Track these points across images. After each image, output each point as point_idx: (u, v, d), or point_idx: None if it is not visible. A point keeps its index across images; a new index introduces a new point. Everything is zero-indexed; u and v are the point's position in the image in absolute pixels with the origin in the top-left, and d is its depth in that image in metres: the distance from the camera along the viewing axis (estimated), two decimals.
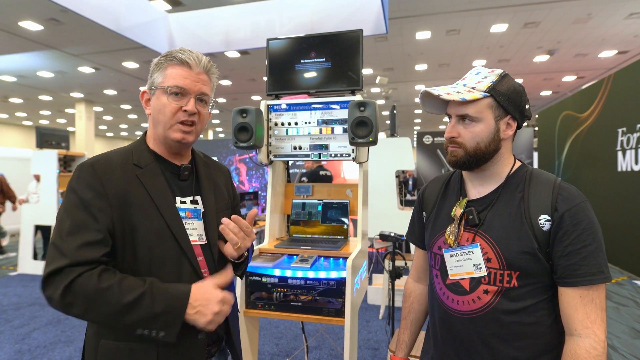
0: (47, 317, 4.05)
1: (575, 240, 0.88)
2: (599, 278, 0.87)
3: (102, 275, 0.90)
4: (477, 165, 1.01)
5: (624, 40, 9.81)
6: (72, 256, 0.89)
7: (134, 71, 12.00)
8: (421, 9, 8.02)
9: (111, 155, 1.04)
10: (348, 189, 2.25)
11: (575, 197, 0.92)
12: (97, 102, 17.01)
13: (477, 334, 0.97)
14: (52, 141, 6.06)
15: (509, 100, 0.97)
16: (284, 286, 1.76)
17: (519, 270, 0.93)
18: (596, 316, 0.87)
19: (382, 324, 3.80)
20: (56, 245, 0.91)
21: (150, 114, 1.10)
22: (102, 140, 28.29)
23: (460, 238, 1.02)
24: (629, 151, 5.47)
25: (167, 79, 1.05)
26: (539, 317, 0.93)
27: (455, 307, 1.01)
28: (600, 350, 0.85)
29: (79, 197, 0.94)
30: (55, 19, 7.88)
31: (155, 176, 1.06)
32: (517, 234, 0.93)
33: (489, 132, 0.98)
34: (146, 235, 0.99)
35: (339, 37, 2.06)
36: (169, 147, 1.11)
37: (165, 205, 1.04)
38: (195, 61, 1.06)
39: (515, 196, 0.97)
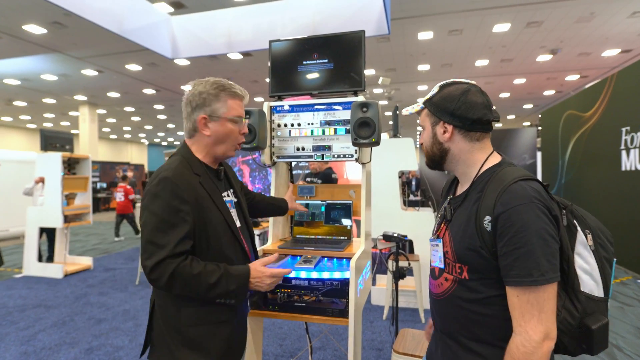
0: (52, 318, 4.07)
1: (508, 242, 0.92)
2: (527, 281, 0.90)
3: (193, 264, 1.21)
4: (437, 165, 1.17)
5: (627, 39, 9.77)
6: (170, 250, 1.18)
7: (137, 74, 12.05)
8: (423, 9, 8.01)
9: (181, 168, 1.31)
10: (351, 189, 2.25)
11: (514, 200, 0.93)
12: (101, 105, 17.09)
13: (444, 314, 1.11)
14: (56, 144, 6.10)
15: (438, 108, 1.11)
16: (288, 287, 1.77)
17: (467, 265, 1.02)
18: (531, 317, 0.90)
19: (386, 324, 3.79)
20: (153, 242, 1.19)
21: (209, 135, 1.38)
22: (106, 142, 28.40)
23: (440, 231, 1.14)
24: (632, 150, 5.45)
25: (230, 109, 1.38)
26: (494, 311, 0.99)
27: (432, 289, 1.18)
28: (529, 349, 0.89)
29: (167, 203, 1.22)
30: (58, 22, 7.93)
31: (210, 181, 1.39)
32: (467, 232, 1.02)
33: (430, 137, 1.15)
34: (215, 227, 1.32)
35: (341, 38, 2.07)
36: (217, 159, 1.45)
37: (220, 202, 1.38)
38: (245, 94, 1.44)
39: (475, 196, 1.05)
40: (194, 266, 1.21)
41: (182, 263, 1.19)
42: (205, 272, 1.22)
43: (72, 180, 6.16)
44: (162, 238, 1.19)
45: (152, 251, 1.19)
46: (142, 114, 19.64)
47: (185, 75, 12.41)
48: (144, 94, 15.03)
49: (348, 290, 1.68)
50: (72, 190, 6.24)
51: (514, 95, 16.15)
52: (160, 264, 1.17)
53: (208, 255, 1.30)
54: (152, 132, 26.70)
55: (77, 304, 4.55)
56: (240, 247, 1.40)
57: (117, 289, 5.20)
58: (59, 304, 4.55)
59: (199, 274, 1.20)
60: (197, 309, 1.28)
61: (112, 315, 4.16)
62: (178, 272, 1.18)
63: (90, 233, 10.79)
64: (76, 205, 6.32)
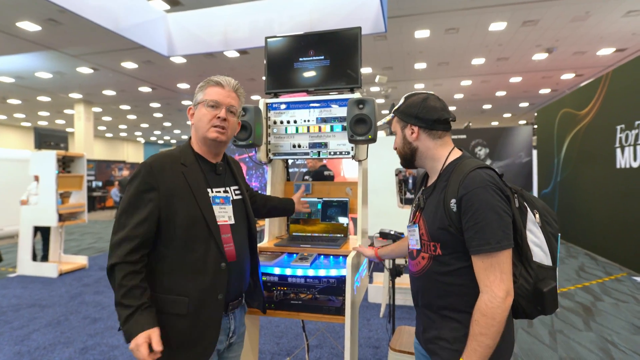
0: (46, 318, 4.05)
1: (470, 218, 1.11)
2: (486, 248, 1.08)
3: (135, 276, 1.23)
4: (410, 163, 1.35)
5: (622, 38, 9.82)
6: (128, 231, 1.26)
7: (133, 71, 11.98)
8: (420, 8, 8.01)
9: (165, 157, 1.36)
10: (348, 187, 2.24)
11: (473, 184, 1.12)
12: (96, 103, 16.98)
13: (422, 290, 1.28)
14: (50, 142, 6.05)
15: (404, 114, 1.32)
16: (284, 284, 1.76)
17: (439, 242, 1.20)
18: (494, 277, 1.08)
19: (382, 322, 3.80)
20: (119, 221, 1.28)
21: (193, 123, 1.43)
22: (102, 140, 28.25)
23: (416, 218, 1.32)
24: (627, 148, 5.48)
25: (206, 95, 1.40)
26: (465, 280, 1.17)
27: (411, 269, 1.35)
28: (495, 304, 1.06)
29: (136, 187, 1.29)
30: (53, 19, 7.86)
31: (196, 172, 1.39)
32: (437, 214, 1.20)
33: (400, 139, 1.35)
34: (184, 219, 1.31)
35: (338, 35, 2.06)
36: (208, 147, 1.44)
37: (201, 195, 1.36)
38: (226, 82, 1.43)
39: (442, 185, 1.24)
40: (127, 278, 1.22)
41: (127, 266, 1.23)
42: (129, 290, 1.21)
43: (66, 179, 6.12)
44: (125, 219, 1.27)
45: (115, 229, 1.29)
46: (138, 112, 19.55)
47: (181, 73, 12.35)
48: (139, 92, 14.96)
49: (344, 287, 1.68)
50: (66, 188, 6.19)
51: (509, 94, 16.21)
52: (115, 248, 1.25)
53: (173, 244, 1.31)
54: (149, 131, 26.59)
55: (72, 303, 4.52)
56: (216, 245, 1.35)
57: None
58: (54, 304, 4.53)
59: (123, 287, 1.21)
60: (158, 295, 1.29)
61: (107, 315, 4.14)
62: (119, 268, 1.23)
63: (86, 232, 10.73)
64: (71, 204, 6.28)
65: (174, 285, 1.31)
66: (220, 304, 1.36)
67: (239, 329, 1.51)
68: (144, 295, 1.23)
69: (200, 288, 1.31)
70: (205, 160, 1.45)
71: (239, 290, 1.48)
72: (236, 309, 1.48)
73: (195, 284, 1.31)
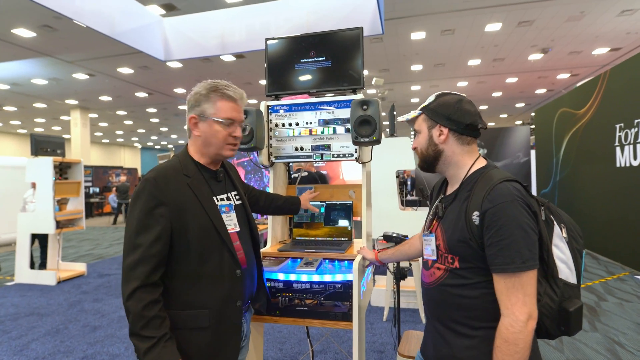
0: (45, 327, 3.98)
1: (494, 234, 1.04)
2: (511, 268, 1.01)
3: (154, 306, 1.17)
4: (430, 166, 1.28)
5: (617, 37, 9.86)
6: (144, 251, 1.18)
7: (129, 77, 11.94)
8: (416, 10, 8.02)
9: (167, 169, 1.31)
10: (351, 189, 2.21)
11: (500, 197, 1.06)
12: (93, 109, 16.92)
13: (435, 302, 1.22)
14: (47, 148, 5.99)
15: (435, 113, 1.23)
16: (289, 290, 1.73)
17: (458, 255, 1.14)
18: (516, 300, 1.02)
19: (386, 326, 3.76)
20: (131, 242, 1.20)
21: (199, 135, 1.37)
22: (98, 146, 28.15)
23: (433, 227, 1.27)
24: (627, 146, 5.47)
25: (219, 111, 1.34)
26: (480, 294, 1.11)
27: (424, 280, 1.30)
28: (517, 329, 1.00)
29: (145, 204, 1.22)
30: (48, 25, 7.82)
31: (201, 183, 1.36)
32: (458, 226, 1.14)
33: (425, 139, 1.26)
34: (197, 231, 1.28)
35: (339, 36, 2.03)
36: (214, 160, 1.42)
37: (210, 206, 1.33)
38: (239, 96, 1.39)
39: (465, 195, 1.17)
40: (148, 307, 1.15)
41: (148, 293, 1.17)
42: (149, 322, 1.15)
43: (63, 185, 6.06)
44: (137, 239, 1.20)
45: (127, 251, 1.20)
46: (134, 118, 19.48)
47: (177, 78, 12.32)
48: (136, 98, 14.90)
49: (351, 293, 1.65)
50: (64, 195, 6.13)
51: (506, 94, 16.25)
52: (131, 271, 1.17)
53: (188, 258, 1.27)
54: (145, 136, 26.51)
55: (71, 312, 4.46)
56: (230, 254, 1.34)
57: (112, 294, 5.11)
58: (53, 312, 4.46)
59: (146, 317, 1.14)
60: (176, 312, 1.25)
61: (107, 322, 4.08)
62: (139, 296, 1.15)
63: (84, 238, 10.65)
64: (68, 211, 6.22)
65: (193, 299, 1.27)
66: (239, 310, 1.36)
67: (249, 332, 1.53)
68: (164, 325, 1.18)
69: (220, 298, 1.30)
70: (206, 169, 1.42)
71: (250, 295, 1.49)
72: (246, 312, 1.48)
73: (214, 295, 1.29)
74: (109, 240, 10.19)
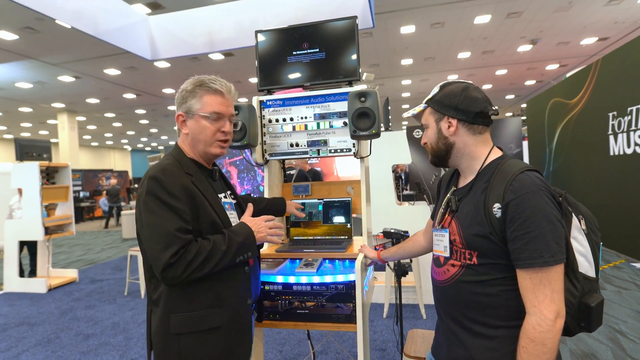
0: (36, 337, 3.86)
1: (519, 227, 0.97)
2: (538, 262, 0.95)
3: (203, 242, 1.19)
4: (443, 160, 1.21)
5: (604, 27, 9.90)
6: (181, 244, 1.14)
7: (116, 78, 11.72)
8: (405, 3, 7.96)
9: (170, 166, 1.25)
10: (349, 186, 2.14)
11: (523, 188, 0.99)
12: (80, 112, 16.63)
13: (450, 300, 1.15)
14: (32, 152, 5.83)
15: (440, 104, 1.17)
16: (289, 293, 1.65)
17: (477, 250, 1.07)
18: (544, 297, 0.95)
19: (386, 322, 3.70)
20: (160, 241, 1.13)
21: (187, 133, 1.32)
22: (87, 150, 27.74)
23: (445, 221, 1.20)
24: (620, 135, 5.47)
25: (205, 106, 1.29)
26: (499, 291, 1.05)
27: (435, 277, 1.22)
28: (545, 328, 0.94)
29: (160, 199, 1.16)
30: (30, 27, 7.61)
31: (204, 181, 1.32)
32: (476, 220, 1.07)
33: (434, 133, 1.19)
34: (208, 227, 1.25)
35: (332, 26, 1.96)
36: (205, 158, 1.36)
37: (215, 203, 1.31)
38: (227, 89, 1.33)
39: (482, 186, 1.10)
40: (204, 244, 1.18)
41: (192, 246, 1.16)
42: (216, 243, 1.20)
43: (51, 190, 5.91)
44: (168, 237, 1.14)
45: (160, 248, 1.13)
46: (123, 120, 19.20)
47: (166, 78, 12.12)
48: (124, 99, 14.67)
49: (354, 293, 1.58)
50: (52, 200, 5.98)
51: (496, 87, 16.30)
52: (174, 256, 1.13)
53: None
54: (135, 138, 26.18)
55: (62, 320, 4.34)
56: None
57: (105, 301, 4.99)
58: (44, 321, 4.34)
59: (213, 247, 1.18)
60: (185, 315, 1.20)
61: (100, 330, 3.97)
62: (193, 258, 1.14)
63: (75, 244, 10.46)
64: (57, 216, 6.06)
65: (203, 299, 1.22)
66: (249, 308, 1.36)
67: (253, 334, 1.51)
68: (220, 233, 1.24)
69: (232, 295, 1.28)
70: (204, 168, 1.38)
71: (256, 295, 1.46)
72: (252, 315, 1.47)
73: (226, 293, 1.26)
74: (101, 245, 10.02)
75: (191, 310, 1.20)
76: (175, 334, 1.20)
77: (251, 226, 1.30)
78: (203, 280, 1.21)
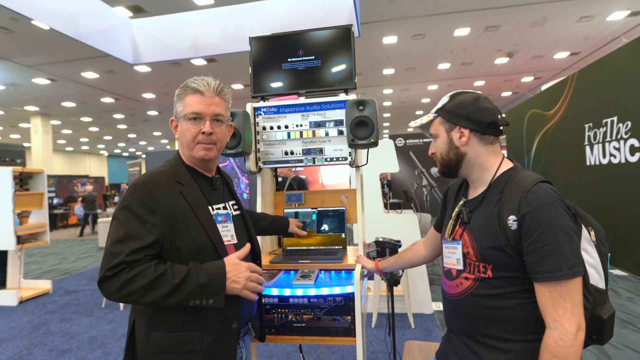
0: (6, 354, 3.65)
1: (536, 240, 0.97)
2: (557, 275, 0.94)
3: (156, 266, 1.06)
4: (453, 171, 1.19)
5: (575, 42, 10.34)
6: (125, 256, 1.03)
7: (94, 82, 11.43)
8: (388, 14, 8.10)
9: (159, 175, 1.18)
10: (342, 195, 2.11)
11: (539, 200, 0.99)
12: (55, 116, 16.14)
13: (462, 314, 1.13)
14: (5, 157, 5.60)
15: (452, 114, 1.16)
16: (285, 307, 1.60)
17: (491, 263, 1.06)
18: (565, 310, 0.94)
19: (375, 333, 3.67)
20: (111, 251, 1.05)
21: (178, 137, 1.26)
22: (62, 155, 26.89)
23: (455, 233, 1.18)
24: (596, 145, 5.66)
25: (185, 107, 1.21)
26: (514, 305, 1.04)
27: (447, 290, 1.20)
28: (567, 342, 0.93)
29: (134, 212, 1.08)
30: (4, 27, 7.34)
31: (195, 191, 1.23)
32: (490, 232, 1.06)
33: (445, 143, 1.18)
34: (191, 245, 1.15)
35: (328, 34, 1.94)
36: (199, 163, 1.27)
37: (205, 217, 1.20)
38: (206, 87, 1.22)
39: (495, 198, 1.09)
40: (157, 268, 1.06)
41: (140, 266, 1.04)
42: (171, 271, 1.06)
43: (25, 197, 5.66)
44: (119, 247, 1.05)
45: (106, 262, 1.05)
46: (100, 124, 18.72)
47: (146, 83, 11.90)
48: (102, 103, 14.31)
49: (353, 306, 1.54)
50: (25, 207, 5.72)
51: None
52: (112, 269, 1.03)
53: None
54: (112, 143, 25.55)
55: (35, 335, 4.12)
56: None
57: (82, 313, 4.78)
58: (14, 336, 4.11)
59: (163, 274, 1.04)
60: (166, 334, 1.12)
61: (77, 345, 3.79)
62: (135, 277, 1.03)
63: (48, 253, 10.04)
64: (31, 224, 5.80)
65: (184, 320, 1.13)
66: (234, 333, 1.22)
67: (249, 358, 1.38)
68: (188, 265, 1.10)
69: (214, 319, 1.15)
70: (201, 175, 1.29)
71: (249, 316, 1.35)
72: (245, 335, 1.35)
73: (208, 315, 1.14)
74: (76, 254, 9.65)
75: (170, 330, 1.13)
76: (154, 352, 1.12)
77: (228, 270, 1.13)
78: None
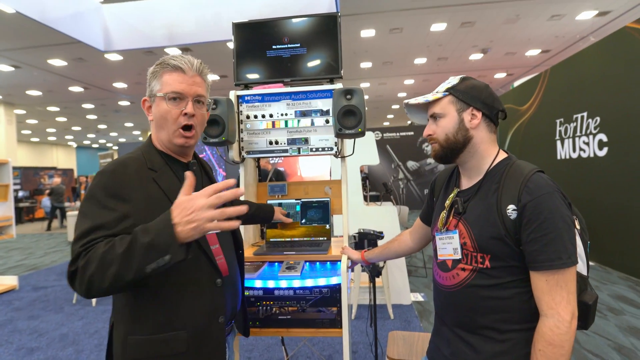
0: None
1: (537, 229, 0.97)
2: (557, 264, 0.96)
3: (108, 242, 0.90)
4: (453, 155, 1.15)
5: (546, 40, 10.65)
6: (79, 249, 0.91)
7: (62, 70, 10.92)
8: (366, 7, 8.10)
9: (127, 161, 1.07)
10: (327, 186, 2.10)
11: (539, 190, 1.00)
12: (19, 105, 15.34)
13: (458, 306, 1.12)
14: None
15: (467, 94, 1.12)
16: (270, 299, 1.58)
17: (490, 254, 1.05)
18: (561, 298, 0.96)
19: (355, 324, 3.69)
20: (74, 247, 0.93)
21: (152, 119, 1.16)
22: (27, 145, 25.70)
23: (449, 224, 1.16)
24: (567, 140, 5.86)
25: (164, 85, 1.11)
26: (512, 294, 1.04)
27: (442, 282, 1.17)
28: (563, 330, 0.94)
29: (100, 203, 0.97)
30: None
31: (170, 178, 1.12)
32: (489, 222, 1.04)
33: (454, 123, 1.13)
34: None
35: (313, 22, 1.90)
36: (174, 150, 1.17)
37: None
38: (188, 65, 1.12)
39: (492, 187, 1.08)
40: (107, 244, 0.90)
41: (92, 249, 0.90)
42: (117, 244, 0.89)
43: None
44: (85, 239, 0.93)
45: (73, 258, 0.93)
46: (68, 114, 17.94)
47: (117, 72, 11.45)
48: (70, 92, 13.69)
49: (339, 297, 1.53)
50: None
51: None
52: (72, 264, 0.90)
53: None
54: (81, 134, 24.57)
55: (1, 333, 3.93)
56: (207, 259, 1.12)
57: (51, 310, 4.59)
58: None
59: (111, 247, 0.88)
60: (146, 337, 1.03)
61: (46, 342, 3.64)
62: (87, 261, 0.88)
63: (13, 247, 9.60)
64: None
65: (166, 319, 1.04)
66: (221, 327, 1.14)
67: (232, 358, 1.31)
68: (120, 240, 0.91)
69: (200, 313, 1.08)
70: (175, 161, 1.18)
71: (233, 310, 1.26)
72: (228, 334, 1.26)
73: (192, 311, 1.06)
74: (43, 249, 9.27)
75: (150, 333, 1.03)
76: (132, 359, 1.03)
77: (174, 215, 0.88)
78: (164, 298, 1.04)
